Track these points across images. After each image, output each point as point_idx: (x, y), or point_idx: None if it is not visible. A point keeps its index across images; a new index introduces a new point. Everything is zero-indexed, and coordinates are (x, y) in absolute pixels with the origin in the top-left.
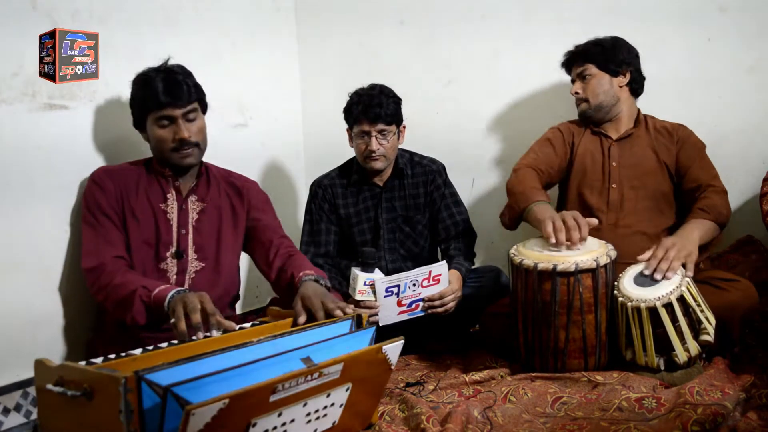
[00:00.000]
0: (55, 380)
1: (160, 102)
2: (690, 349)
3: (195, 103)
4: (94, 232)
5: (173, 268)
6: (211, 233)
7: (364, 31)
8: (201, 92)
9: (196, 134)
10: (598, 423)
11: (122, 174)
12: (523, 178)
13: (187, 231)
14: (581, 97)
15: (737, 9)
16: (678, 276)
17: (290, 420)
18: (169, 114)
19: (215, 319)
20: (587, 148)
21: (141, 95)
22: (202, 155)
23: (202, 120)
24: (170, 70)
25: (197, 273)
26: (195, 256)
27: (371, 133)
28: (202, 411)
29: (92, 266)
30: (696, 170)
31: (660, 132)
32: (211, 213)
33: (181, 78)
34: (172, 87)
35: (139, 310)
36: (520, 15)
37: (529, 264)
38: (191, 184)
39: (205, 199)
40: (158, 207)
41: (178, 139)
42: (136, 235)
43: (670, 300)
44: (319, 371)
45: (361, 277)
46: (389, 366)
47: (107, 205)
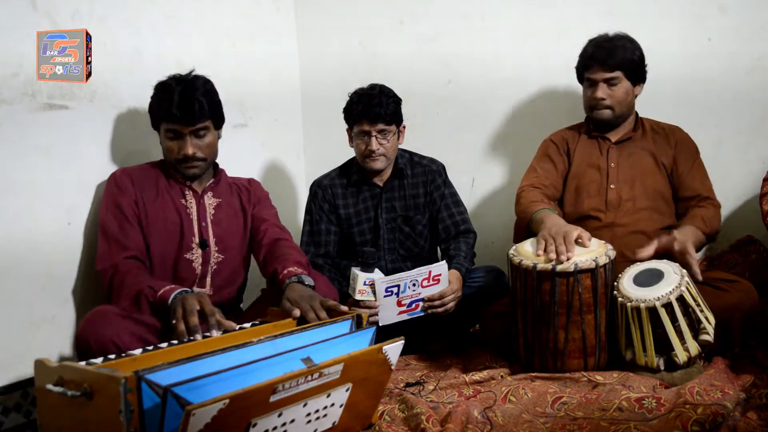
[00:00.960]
0: (55, 380)
1: (171, 115)
2: (690, 349)
3: (207, 122)
4: (111, 233)
5: (198, 258)
6: (227, 227)
7: (364, 31)
8: (216, 110)
9: (204, 150)
10: (598, 423)
11: (141, 174)
12: (524, 198)
13: (207, 224)
14: (607, 104)
15: (737, 9)
16: (677, 276)
17: (290, 420)
18: (177, 129)
19: (215, 319)
20: (584, 151)
21: (157, 102)
22: (209, 167)
23: (213, 136)
24: (191, 84)
25: (218, 264)
26: (216, 248)
27: (371, 133)
28: (203, 411)
29: (105, 267)
30: (691, 179)
31: (657, 133)
32: (226, 208)
33: (198, 95)
34: (186, 104)
35: (145, 309)
36: (520, 15)
37: (528, 264)
38: (207, 183)
39: (221, 196)
40: (179, 202)
41: (182, 155)
42: (159, 229)
43: (669, 300)
44: (320, 371)
45: (361, 277)
46: (389, 366)
47: (126, 204)
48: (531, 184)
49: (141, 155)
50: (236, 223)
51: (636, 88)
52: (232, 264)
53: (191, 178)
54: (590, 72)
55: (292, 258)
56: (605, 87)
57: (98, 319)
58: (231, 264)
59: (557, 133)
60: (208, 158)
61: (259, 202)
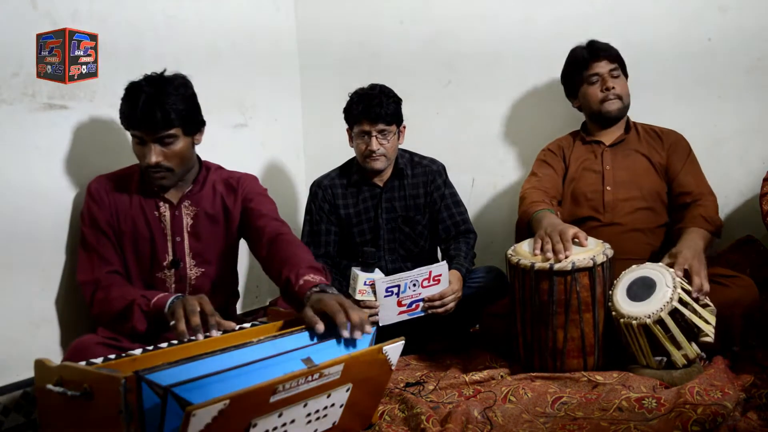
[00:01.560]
0: (55, 380)
1: (135, 121)
2: (687, 353)
3: (174, 129)
4: (91, 247)
5: (171, 278)
6: (208, 237)
7: (364, 31)
8: (189, 115)
9: (171, 158)
10: (598, 423)
11: (116, 183)
12: (527, 198)
13: (183, 238)
14: (618, 93)
15: (737, 9)
16: (669, 289)
17: (290, 420)
18: (141, 136)
19: (215, 320)
20: (580, 156)
21: (123, 107)
22: (182, 176)
23: (181, 144)
24: (161, 88)
25: (197, 279)
26: (193, 262)
27: (372, 133)
28: (203, 412)
29: (87, 280)
30: (684, 175)
31: (650, 135)
32: (205, 218)
33: (166, 100)
34: (150, 110)
35: (139, 319)
36: (520, 15)
37: (526, 264)
38: (185, 190)
39: (200, 203)
40: (152, 215)
41: (146, 163)
42: (131, 248)
43: (660, 317)
44: (320, 372)
45: (361, 277)
46: (390, 366)
47: (103, 219)
48: (533, 186)
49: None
50: (217, 230)
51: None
52: (214, 275)
53: (161, 189)
54: (593, 68)
55: (304, 262)
56: (610, 79)
57: (79, 355)
58: (213, 276)
59: (552, 143)
60: (176, 168)
61: (252, 197)
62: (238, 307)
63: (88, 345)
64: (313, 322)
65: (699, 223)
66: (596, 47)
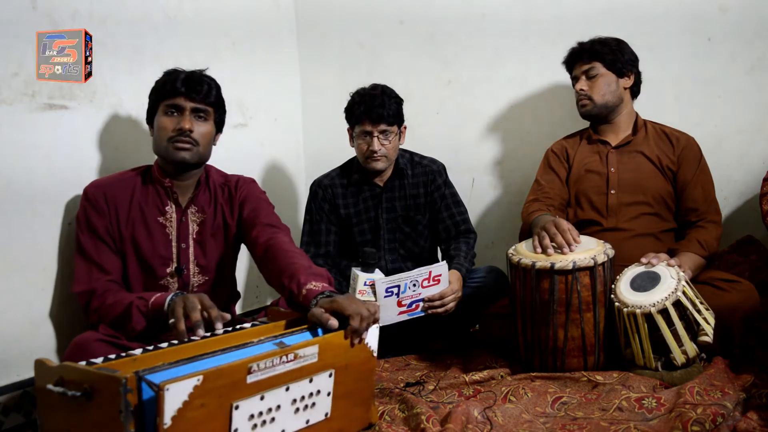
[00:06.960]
0: (55, 380)
1: (175, 89)
2: (688, 351)
3: (210, 108)
4: (88, 256)
5: (174, 285)
6: (212, 245)
7: (364, 31)
8: (220, 105)
9: (199, 134)
10: (598, 423)
11: (115, 188)
12: (526, 211)
13: (188, 245)
14: (586, 94)
15: (737, 9)
16: (674, 280)
17: (276, 406)
18: (179, 104)
19: (216, 312)
20: (584, 156)
21: (161, 83)
22: (198, 158)
23: (210, 126)
24: (200, 72)
25: (200, 286)
26: (197, 269)
27: (373, 133)
28: (176, 386)
29: (82, 290)
30: (693, 187)
31: (661, 137)
32: (211, 223)
33: (206, 80)
34: (193, 81)
35: (138, 321)
36: (520, 15)
37: (527, 263)
38: (190, 194)
39: (205, 210)
40: (155, 222)
41: (178, 128)
42: (133, 255)
43: (665, 306)
44: (294, 353)
45: (361, 277)
46: (371, 352)
47: (102, 227)
48: (534, 198)
49: (141, 155)
50: (219, 239)
51: (623, 81)
52: (216, 281)
53: (179, 163)
54: (573, 70)
55: (303, 269)
56: (584, 79)
57: (79, 353)
58: (215, 281)
59: (558, 142)
60: (201, 147)
61: (246, 204)
62: (237, 307)
63: (89, 341)
64: (325, 319)
65: (694, 248)
66: (574, 49)
